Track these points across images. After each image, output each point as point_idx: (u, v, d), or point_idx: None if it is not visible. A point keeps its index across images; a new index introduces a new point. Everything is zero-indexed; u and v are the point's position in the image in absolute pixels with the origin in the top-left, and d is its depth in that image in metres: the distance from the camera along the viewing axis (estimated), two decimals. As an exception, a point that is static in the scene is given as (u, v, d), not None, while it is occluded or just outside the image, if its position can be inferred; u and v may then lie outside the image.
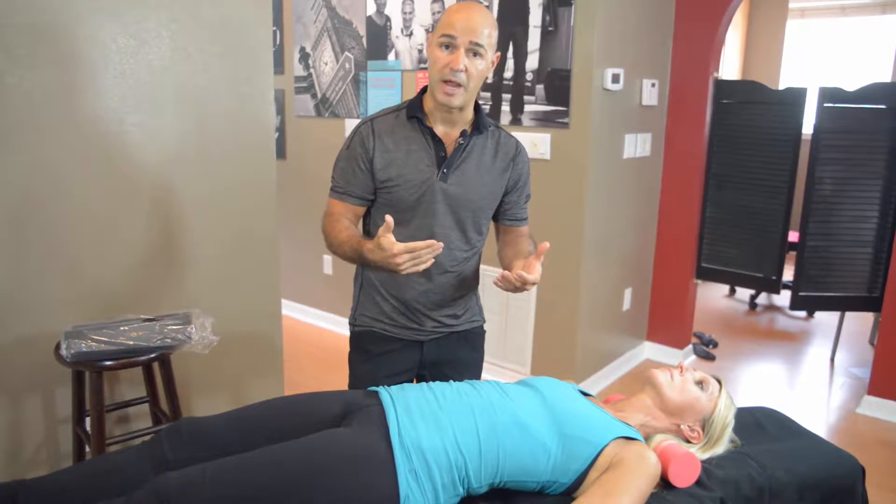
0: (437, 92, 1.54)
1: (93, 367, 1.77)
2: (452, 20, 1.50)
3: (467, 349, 1.82)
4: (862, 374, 3.66)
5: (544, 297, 3.18)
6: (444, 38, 1.51)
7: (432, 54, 1.54)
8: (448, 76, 1.51)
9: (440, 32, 1.52)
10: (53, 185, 1.90)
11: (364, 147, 1.61)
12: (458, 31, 1.49)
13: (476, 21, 1.50)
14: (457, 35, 1.49)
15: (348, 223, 1.62)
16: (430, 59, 1.56)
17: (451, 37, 1.50)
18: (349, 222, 1.63)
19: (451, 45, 1.51)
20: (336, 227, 1.61)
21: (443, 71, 1.51)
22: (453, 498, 1.32)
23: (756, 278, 3.70)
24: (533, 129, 3.09)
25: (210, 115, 2.23)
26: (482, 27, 1.50)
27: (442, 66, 1.51)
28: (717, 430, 1.51)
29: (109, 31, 1.95)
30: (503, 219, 1.76)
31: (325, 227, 1.64)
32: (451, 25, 1.50)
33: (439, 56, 1.52)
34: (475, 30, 1.49)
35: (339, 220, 1.62)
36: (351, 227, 1.62)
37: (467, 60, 1.50)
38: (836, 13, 6.20)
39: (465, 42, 1.49)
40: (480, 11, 1.53)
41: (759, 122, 3.47)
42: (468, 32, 1.49)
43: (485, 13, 1.53)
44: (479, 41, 1.50)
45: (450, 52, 1.51)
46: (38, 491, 1.29)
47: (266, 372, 2.59)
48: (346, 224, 1.61)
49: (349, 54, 3.83)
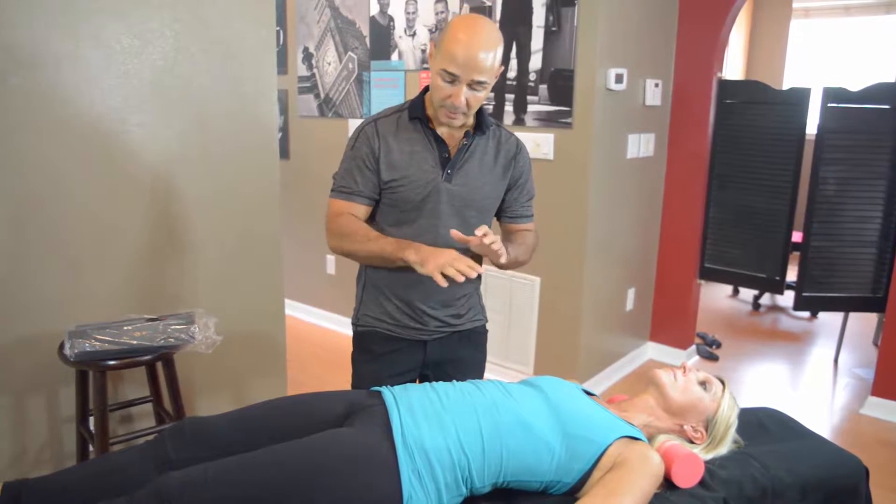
0: (440, 114, 1.56)
1: (96, 367, 1.78)
2: (455, 54, 1.45)
3: (470, 349, 1.82)
4: (865, 375, 3.65)
5: (547, 297, 3.17)
6: (448, 75, 1.48)
7: (435, 80, 1.52)
8: (449, 107, 1.53)
9: (441, 65, 1.48)
10: (56, 185, 1.90)
11: (370, 147, 1.61)
12: (460, 68, 1.46)
13: (478, 54, 1.45)
14: (459, 74, 1.47)
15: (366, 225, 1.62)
16: (433, 83, 1.54)
17: (452, 75, 1.47)
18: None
19: (453, 81, 1.49)
20: (355, 224, 1.60)
21: (445, 101, 1.52)
22: (456, 498, 1.32)
23: (759, 279, 3.70)
24: (536, 129, 3.09)
25: (213, 115, 2.23)
26: (485, 60, 1.46)
27: (444, 96, 1.51)
28: (721, 430, 1.50)
29: (113, 32, 1.95)
30: (505, 217, 1.77)
31: (340, 228, 1.61)
32: (453, 61, 1.46)
33: (441, 86, 1.51)
34: (478, 66, 1.46)
35: (354, 220, 1.61)
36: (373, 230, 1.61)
37: (469, 93, 1.50)
38: (839, 13, 6.18)
39: (467, 79, 1.48)
40: (484, 36, 1.47)
41: (763, 122, 3.47)
42: (471, 71, 1.46)
43: (488, 36, 1.48)
44: (481, 78, 1.48)
45: (452, 86, 1.50)
46: (42, 490, 1.30)
47: (269, 372, 2.60)
48: (367, 226, 1.61)
49: (352, 54, 3.83)
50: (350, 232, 1.59)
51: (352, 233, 1.59)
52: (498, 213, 1.77)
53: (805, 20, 6.33)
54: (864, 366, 3.82)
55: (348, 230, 1.60)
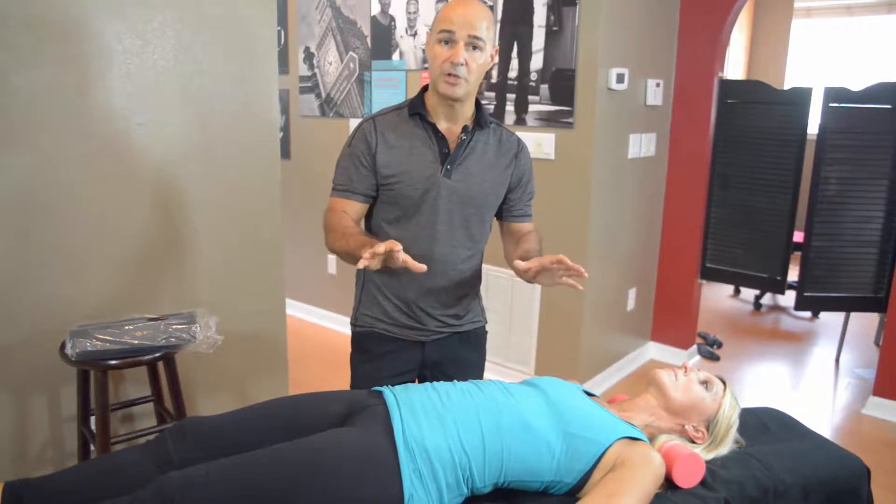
0: (440, 84, 1.56)
1: (98, 367, 1.78)
2: (450, 15, 1.52)
3: (469, 350, 1.81)
4: (867, 375, 3.65)
5: (548, 297, 3.17)
6: (443, 34, 1.52)
7: (431, 51, 1.56)
8: (449, 69, 1.52)
9: (438, 28, 1.54)
10: (58, 185, 1.90)
11: (366, 143, 1.61)
12: (456, 25, 1.51)
13: (473, 15, 1.52)
14: (455, 29, 1.51)
15: (352, 221, 1.61)
16: (429, 57, 1.57)
17: (449, 32, 1.51)
18: (353, 220, 1.62)
19: (450, 41, 1.52)
20: (337, 220, 1.59)
21: (443, 65, 1.53)
22: (457, 498, 1.32)
23: (761, 278, 3.69)
24: (537, 128, 3.09)
25: (214, 114, 2.23)
26: (480, 20, 1.52)
27: (442, 60, 1.53)
28: (722, 430, 1.50)
29: (115, 31, 1.95)
30: (508, 216, 1.77)
31: (327, 223, 1.62)
32: (448, 20, 1.52)
33: (439, 52, 1.54)
34: (473, 24, 1.51)
35: (343, 217, 1.61)
36: (356, 227, 1.60)
37: (467, 54, 1.52)
38: (841, 13, 6.18)
39: (464, 36, 1.51)
40: (477, 5, 1.55)
41: (765, 122, 3.46)
42: (466, 26, 1.51)
43: (481, 7, 1.55)
44: (478, 34, 1.52)
45: (449, 47, 1.53)
46: (43, 490, 1.30)
47: (270, 371, 2.60)
48: (351, 223, 1.60)
49: (353, 54, 3.83)
50: (331, 227, 1.60)
51: (332, 228, 1.59)
52: (500, 213, 1.77)
53: (806, 20, 6.32)
54: (865, 366, 3.81)
55: (331, 225, 1.60)
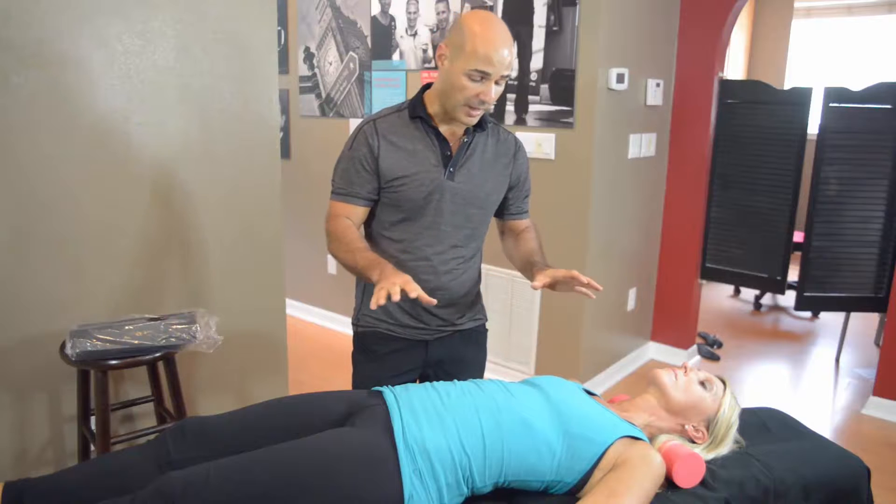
0: (460, 113, 1.56)
1: (98, 367, 1.78)
2: (490, 56, 1.48)
3: (471, 347, 1.82)
4: (867, 375, 3.65)
5: (548, 297, 3.17)
6: (479, 73, 1.50)
7: (459, 81, 1.51)
8: (475, 104, 1.53)
9: (475, 66, 1.49)
10: (57, 185, 1.90)
11: (368, 147, 1.60)
12: (493, 65, 1.49)
13: (507, 52, 1.50)
14: (491, 72, 1.49)
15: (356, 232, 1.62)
16: (453, 84, 1.52)
17: (484, 73, 1.49)
18: (355, 227, 1.63)
19: (483, 79, 1.51)
20: (347, 234, 1.60)
21: (472, 100, 1.53)
22: (457, 497, 1.32)
23: (761, 278, 3.69)
24: (537, 128, 3.09)
25: (214, 114, 2.23)
26: (510, 56, 1.51)
27: (471, 95, 1.52)
28: (722, 430, 1.50)
29: (115, 31, 1.96)
30: (507, 214, 1.79)
31: (331, 230, 1.62)
32: (489, 62, 1.48)
33: (468, 85, 1.51)
34: (505, 63, 1.50)
35: (347, 226, 1.61)
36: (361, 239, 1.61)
37: (495, 88, 1.53)
38: (842, 12, 6.18)
39: (497, 75, 1.51)
40: (505, 33, 1.51)
41: (765, 122, 3.46)
42: (501, 67, 1.50)
43: (508, 35, 1.52)
44: (508, 73, 1.53)
45: (481, 84, 1.51)
46: (44, 490, 1.30)
47: (271, 371, 2.60)
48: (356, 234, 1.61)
49: (354, 54, 3.83)
50: (336, 236, 1.61)
51: (337, 238, 1.61)
52: (498, 212, 1.78)
53: (807, 20, 6.32)
54: (865, 366, 3.81)
55: (336, 235, 1.61)
